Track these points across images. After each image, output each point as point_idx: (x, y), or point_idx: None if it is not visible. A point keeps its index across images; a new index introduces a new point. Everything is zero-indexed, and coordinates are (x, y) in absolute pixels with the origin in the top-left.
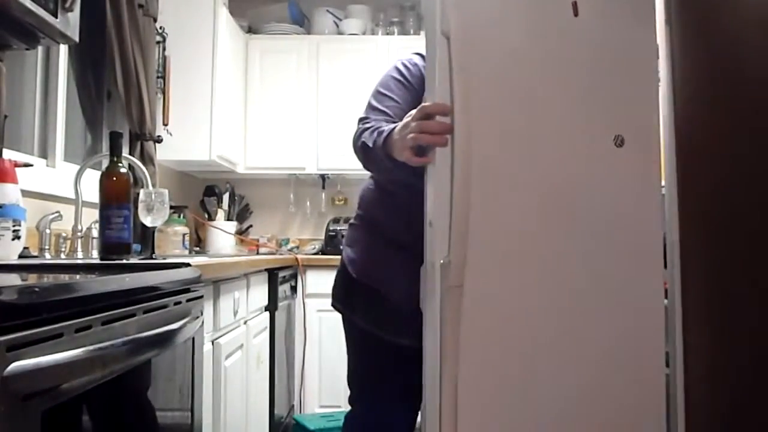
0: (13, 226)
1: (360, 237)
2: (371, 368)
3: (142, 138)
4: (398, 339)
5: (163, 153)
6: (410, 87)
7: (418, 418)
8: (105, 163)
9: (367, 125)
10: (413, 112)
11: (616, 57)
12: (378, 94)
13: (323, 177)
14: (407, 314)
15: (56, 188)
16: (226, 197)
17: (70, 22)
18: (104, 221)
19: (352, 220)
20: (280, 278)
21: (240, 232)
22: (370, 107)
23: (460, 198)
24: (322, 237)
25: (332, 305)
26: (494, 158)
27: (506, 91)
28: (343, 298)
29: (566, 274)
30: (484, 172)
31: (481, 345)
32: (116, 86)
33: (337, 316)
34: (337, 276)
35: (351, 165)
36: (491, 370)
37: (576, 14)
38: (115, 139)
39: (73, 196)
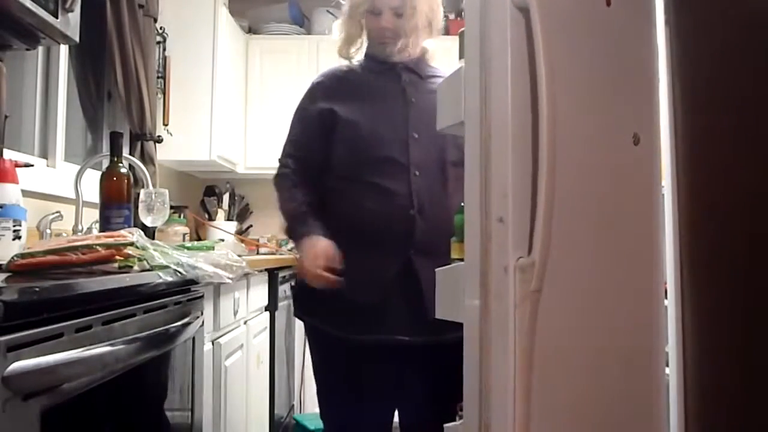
0: (14, 226)
1: None
2: (341, 372)
3: (143, 138)
4: (369, 336)
5: (163, 153)
6: (308, 116)
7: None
8: (105, 163)
9: (285, 181)
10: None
11: (636, 52)
12: (288, 139)
13: None
14: (372, 309)
15: (57, 188)
16: (226, 197)
17: (71, 23)
18: (104, 221)
19: None
20: (280, 278)
21: (240, 232)
22: (284, 152)
23: (548, 190)
24: None
25: (295, 315)
26: (567, 151)
27: (570, 73)
28: (304, 305)
29: (595, 274)
30: (561, 166)
31: (554, 353)
32: (116, 86)
33: None
34: (294, 287)
35: None
36: (562, 375)
37: (609, 4)
38: (115, 139)
39: (73, 196)
